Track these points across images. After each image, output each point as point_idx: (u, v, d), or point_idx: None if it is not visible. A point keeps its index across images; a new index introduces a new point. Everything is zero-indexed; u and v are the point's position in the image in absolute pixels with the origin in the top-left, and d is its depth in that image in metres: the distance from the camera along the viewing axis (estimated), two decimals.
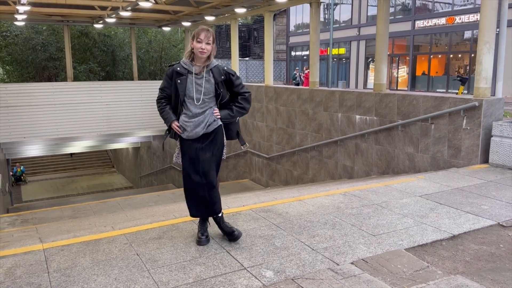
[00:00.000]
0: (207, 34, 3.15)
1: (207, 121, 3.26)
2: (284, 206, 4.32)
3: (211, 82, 3.26)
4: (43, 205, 15.35)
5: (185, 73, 3.24)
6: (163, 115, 3.34)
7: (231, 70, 3.34)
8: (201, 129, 3.25)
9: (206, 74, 3.25)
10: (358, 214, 4.05)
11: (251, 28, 40.32)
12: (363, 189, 4.91)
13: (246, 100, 3.38)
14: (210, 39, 3.16)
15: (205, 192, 3.26)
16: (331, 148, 8.74)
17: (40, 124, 13.59)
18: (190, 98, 3.24)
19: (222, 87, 3.30)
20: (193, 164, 3.27)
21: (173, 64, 3.32)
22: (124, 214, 6.87)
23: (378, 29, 7.77)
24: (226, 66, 3.35)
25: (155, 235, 3.60)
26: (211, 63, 3.27)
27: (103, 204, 10.43)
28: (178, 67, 3.27)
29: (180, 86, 3.24)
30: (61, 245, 3.43)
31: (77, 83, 15.22)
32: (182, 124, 3.27)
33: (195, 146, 3.27)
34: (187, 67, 3.25)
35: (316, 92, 9.08)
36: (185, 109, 3.27)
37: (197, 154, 3.27)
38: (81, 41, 19.24)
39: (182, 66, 3.26)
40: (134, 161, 24.10)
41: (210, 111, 3.29)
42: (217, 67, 3.30)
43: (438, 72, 23.47)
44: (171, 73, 3.28)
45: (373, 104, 7.64)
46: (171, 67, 3.31)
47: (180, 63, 3.29)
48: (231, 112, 3.36)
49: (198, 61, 3.23)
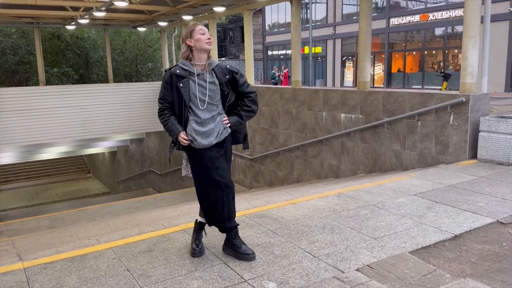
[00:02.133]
0: (201, 26, 2.94)
1: (219, 129, 2.99)
2: (278, 211, 4.15)
3: (215, 84, 2.97)
4: (18, 214, 14.77)
5: (186, 75, 2.92)
6: (168, 127, 2.97)
7: (234, 68, 3.07)
8: (213, 139, 2.96)
9: (209, 75, 2.96)
10: (356, 216, 3.92)
11: (226, 28, 40.10)
12: (357, 190, 4.79)
13: (253, 101, 3.09)
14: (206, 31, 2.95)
15: (225, 203, 2.98)
16: (316, 147, 8.64)
17: (12, 131, 13.00)
18: (196, 103, 2.93)
19: (227, 87, 3.02)
20: (211, 174, 2.96)
21: (170, 68, 3.00)
22: (106, 223, 6.57)
23: (360, 26, 7.70)
24: (228, 64, 3.09)
25: (145, 247, 3.38)
26: (212, 61, 2.99)
27: (81, 213, 10.07)
28: (177, 69, 2.93)
29: (184, 89, 2.91)
30: (43, 262, 3.17)
31: (49, 87, 14.67)
32: (191, 133, 2.94)
33: (209, 154, 2.96)
34: (187, 67, 2.94)
35: (299, 91, 8.96)
36: (192, 115, 2.95)
37: (213, 162, 2.97)
38: (53, 44, 18.62)
39: (181, 67, 2.94)
40: (111, 166, 23.52)
41: (220, 119, 3.00)
42: (219, 66, 3.02)
43: (413, 69, 23.80)
44: (170, 77, 2.94)
45: (358, 102, 7.56)
46: (168, 71, 2.99)
47: (178, 65, 2.97)
48: (240, 119, 3.07)
49: (198, 60, 2.95)
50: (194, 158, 3.02)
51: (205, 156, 2.98)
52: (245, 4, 10.90)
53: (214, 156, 2.98)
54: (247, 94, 3.08)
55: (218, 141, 2.99)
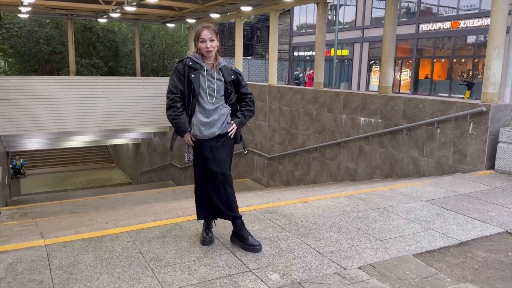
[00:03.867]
0: (208, 31, 3.08)
1: (223, 121, 3.19)
2: (288, 208, 4.26)
3: (221, 80, 3.20)
4: (42, 198, 15.30)
5: (197, 68, 3.14)
6: (177, 122, 3.14)
7: (238, 70, 3.32)
8: (216, 129, 3.16)
9: (216, 73, 3.19)
10: (364, 218, 4.00)
11: (254, 27, 40.29)
12: (369, 192, 4.86)
13: (252, 102, 3.35)
14: (212, 36, 3.09)
15: (222, 192, 3.16)
16: (334, 149, 8.69)
17: (41, 118, 13.53)
18: (204, 95, 3.14)
19: (231, 86, 3.25)
20: (208, 164, 3.16)
21: (183, 59, 3.19)
22: (125, 211, 6.82)
23: (385, 31, 7.72)
24: (233, 66, 3.34)
25: (159, 233, 3.55)
26: (220, 62, 3.21)
27: (103, 200, 10.39)
28: (189, 61, 3.14)
29: (195, 80, 3.12)
30: (63, 241, 3.38)
31: (79, 78, 15.16)
32: (196, 125, 3.14)
33: (210, 144, 3.16)
34: (198, 61, 3.15)
35: (320, 93, 9.02)
36: (198, 106, 3.16)
37: (213, 153, 3.16)
38: (85, 36, 19.18)
39: (194, 60, 3.15)
40: (134, 157, 24.04)
41: (225, 111, 3.21)
42: (226, 67, 3.25)
43: (441, 76, 23.43)
44: (183, 67, 3.14)
45: (378, 107, 7.58)
46: (181, 62, 3.18)
47: (190, 57, 3.17)
48: (243, 119, 3.30)
49: (207, 59, 3.18)
50: (195, 149, 3.23)
51: (205, 146, 3.17)
52: (272, 4, 11.02)
53: (214, 146, 3.17)
54: (248, 95, 3.34)
55: (220, 132, 3.19)
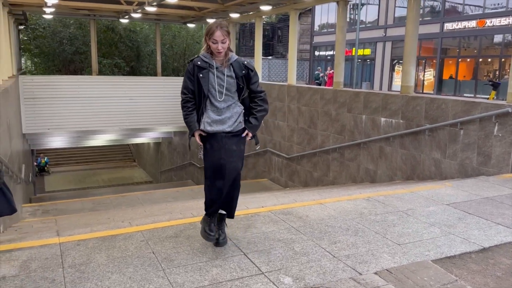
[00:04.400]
0: (221, 33, 3.00)
1: (235, 119, 3.15)
2: (304, 209, 4.19)
3: (233, 77, 3.14)
4: (65, 196, 15.58)
5: (206, 66, 3.10)
6: (188, 121, 3.18)
7: (250, 65, 3.21)
8: (227, 126, 3.13)
9: (227, 69, 3.13)
10: (382, 221, 3.89)
11: (275, 27, 40.17)
12: (387, 195, 4.73)
13: (264, 101, 3.25)
14: (225, 37, 3.02)
15: (227, 187, 3.12)
16: (353, 150, 8.55)
17: (64, 117, 13.79)
18: (214, 93, 3.10)
19: (243, 82, 3.18)
20: (218, 155, 3.11)
21: (193, 59, 3.16)
22: (143, 209, 6.86)
23: (407, 30, 7.54)
24: (246, 61, 3.20)
25: (172, 233, 3.53)
26: (231, 57, 3.14)
27: (123, 198, 10.51)
28: (198, 61, 3.12)
29: (203, 80, 3.09)
30: (77, 239, 3.39)
31: (101, 77, 15.40)
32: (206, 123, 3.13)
33: (220, 135, 3.12)
34: (207, 60, 3.11)
35: (340, 93, 8.89)
36: (210, 104, 3.13)
37: (223, 143, 3.12)
38: (107, 36, 19.47)
39: (202, 59, 3.11)
40: (155, 156, 24.29)
41: (238, 110, 3.17)
42: (237, 61, 3.16)
43: (466, 76, 22.84)
44: (193, 68, 3.12)
45: (400, 107, 7.41)
46: (191, 62, 3.16)
47: (199, 57, 3.14)
48: (256, 123, 3.23)
49: (217, 57, 3.12)
50: (205, 139, 3.18)
51: (217, 137, 3.12)
52: (292, 4, 10.93)
53: (224, 136, 3.12)
54: (257, 94, 3.22)
55: (231, 130, 3.14)
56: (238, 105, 3.19)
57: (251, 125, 3.21)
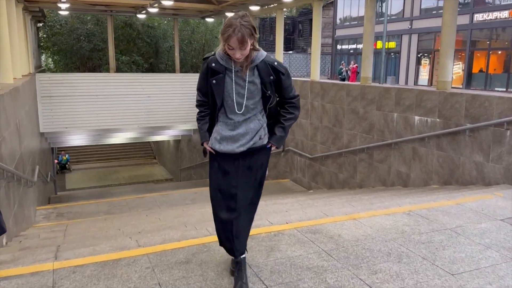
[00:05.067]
0: (239, 38, 2.24)
1: (250, 137, 2.51)
2: (335, 226, 3.64)
3: (255, 83, 2.46)
4: (84, 195, 15.43)
5: (222, 70, 2.43)
6: (199, 127, 2.65)
7: (281, 67, 2.50)
8: (238, 146, 2.50)
9: (249, 73, 2.45)
10: (429, 243, 3.31)
11: (296, 21, 39.43)
12: (431, 208, 4.14)
13: (297, 107, 2.63)
14: (245, 44, 2.28)
15: (237, 224, 2.57)
16: (383, 151, 7.92)
17: (82, 115, 13.52)
18: (230, 104, 2.47)
19: (271, 88, 2.49)
20: (227, 181, 2.55)
21: (208, 57, 2.51)
22: (158, 216, 6.43)
23: (444, 20, 6.86)
24: (276, 61, 2.49)
25: (183, 257, 3.04)
26: (255, 57, 2.44)
27: (139, 200, 10.15)
28: (212, 62, 2.45)
29: (217, 87, 2.45)
30: (74, 265, 2.94)
31: (119, 75, 15.10)
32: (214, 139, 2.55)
33: (232, 156, 2.54)
34: (224, 62, 2.43)
35: (368, 89, 8.26)
36: (223, 116, 2.53)
37: (236, 167, 2.55)
38: (125, 32, 19.17)
39: (218, 61, 2.44)
40: (174, 153, 24.01)
41: (255, 126, 2.52)
42: (265, 63, 2.45)
43: (497, 70, 21.71)
44: (206, 68, 2.48)
45: (436, 104, 6.76)
46: (205, 60, 2.51)
47: (215, 56, 2.46)
48: (283, 133, 2.61)
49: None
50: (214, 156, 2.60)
51: (225, 157, 2.54)
52: None
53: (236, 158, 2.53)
54: (290, 100, 2.59)
55: (243, 150, 2.51)
56: (258, 119, 2.54)
57: (277, 137, 2.60)
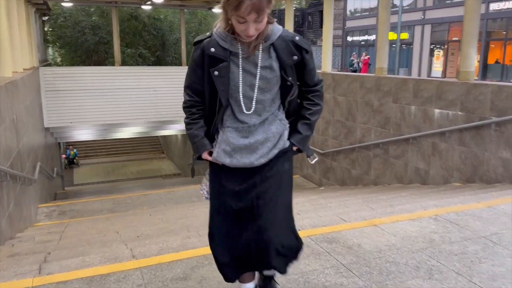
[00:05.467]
0: (256, 4, 1.59)
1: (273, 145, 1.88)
2: (354, 234, 3.23)
3: (273, 69, 1.81)
4: (91, 191, 15.22)
5: (225, 56, 1.79)
6: (191, 134, 1.97)
7: (304, 43, 1.85)
8: (258, 157, 1.86)
9: (262, 55, 1.80)
10: (462, 254, 2.89)
11: (305, 13, 38.82)
12: (460, 212, 3.71)
13: (321, 97, 1.98)
14: (262, 9, 1.62)
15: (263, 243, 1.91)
16: (400, 146, 7.47)
17: (87, 110, 13.19)
18: (239, 100, 1.84)
19: (292, 73, 1.84)
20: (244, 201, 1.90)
21: (202, 40, 1.84)
22: (161, 217, 6.08)
23: (467, 5, 6.37)
24: (296, 35, 1.86)
25: (180, 272, 2.66)
26: (271, 32, 1.80)
27: (144, 197, 9.86)
28: (211, 46, 1.79)
29: (220, 81, 1.80)
30: (56, 281, 2.58)
31: (124, 68, 14.75)
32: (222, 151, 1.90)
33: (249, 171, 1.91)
34: (227, 45, 1.79)
35: (383, 80, 7.80)
36: (231, 119, 1.88)
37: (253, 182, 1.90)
38: (131, 24, 18.79)
39: (219, 44, 1.79)
40: (182, 148, 23.73)
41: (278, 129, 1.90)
42: (283, 39, 1.81)
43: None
44: (201, 56, 1.83)
45: (458, 96, 6.28)
46: (198, 45, 1.85)
47: (213, 39, 1.81)
48: (309, 130, 1.96)
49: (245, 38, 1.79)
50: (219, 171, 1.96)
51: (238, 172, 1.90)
52: None
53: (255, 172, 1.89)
54: (314, 88, 1.96)
55: (264, 161, 1.89)
56: (279, 118, 1.92)
57: (301, 137, 1.96)
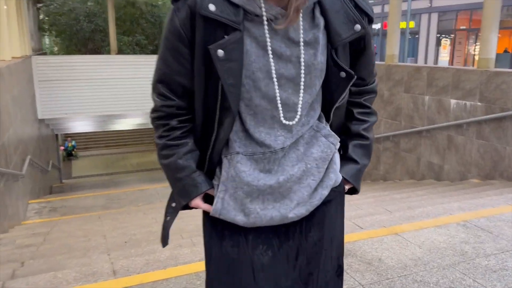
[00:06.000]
0: None
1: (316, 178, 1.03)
2: (373, 246, 2.76)
3: (319, 48, 0.99)
4: (88, 184, 14.83)
5: (237, 21, 0.93)
6: (169, 166, 1.09)
7: (369, 6, 1.05)
8: (295, 206, 1.03)
9: (305, 24, 0.97)
10: (502, 270, 2.42)
11: None
12: (491, 216, 3.23)
13: (372, 100, 1.22)
14: None
15: None
16: (412, 139, 6.98)
17: (82, 100, 12.69)
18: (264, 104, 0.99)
19: (346, 59, 1.03)
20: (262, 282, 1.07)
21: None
22: (154, 216, 5.64)
23: None
24: None
25: None
26: None
27: (139, 192, 9.42)
28: (210, 1, 0.93)
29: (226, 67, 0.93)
30: None
31: (120, 57, 14.20)
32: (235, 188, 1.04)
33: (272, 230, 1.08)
34: (241, 1, 0.93)
35: (395, 69, 7.29)
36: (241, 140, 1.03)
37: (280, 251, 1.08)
38: (127, 11, 18.17)
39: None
40: None
41: (325, 149, 1.06)
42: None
43: None
44: (187, 23, 0.99)
45: (477, 86, 5.78)
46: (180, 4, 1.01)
47: None
48: (365, 158, 1.17)
49: None
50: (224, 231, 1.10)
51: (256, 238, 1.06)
52: None
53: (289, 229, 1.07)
54: (371, 86, 1.20)
55: (307, 211, 1.05)
56: (323, 135, 1.07)
57: (358, 168, 1.17)
